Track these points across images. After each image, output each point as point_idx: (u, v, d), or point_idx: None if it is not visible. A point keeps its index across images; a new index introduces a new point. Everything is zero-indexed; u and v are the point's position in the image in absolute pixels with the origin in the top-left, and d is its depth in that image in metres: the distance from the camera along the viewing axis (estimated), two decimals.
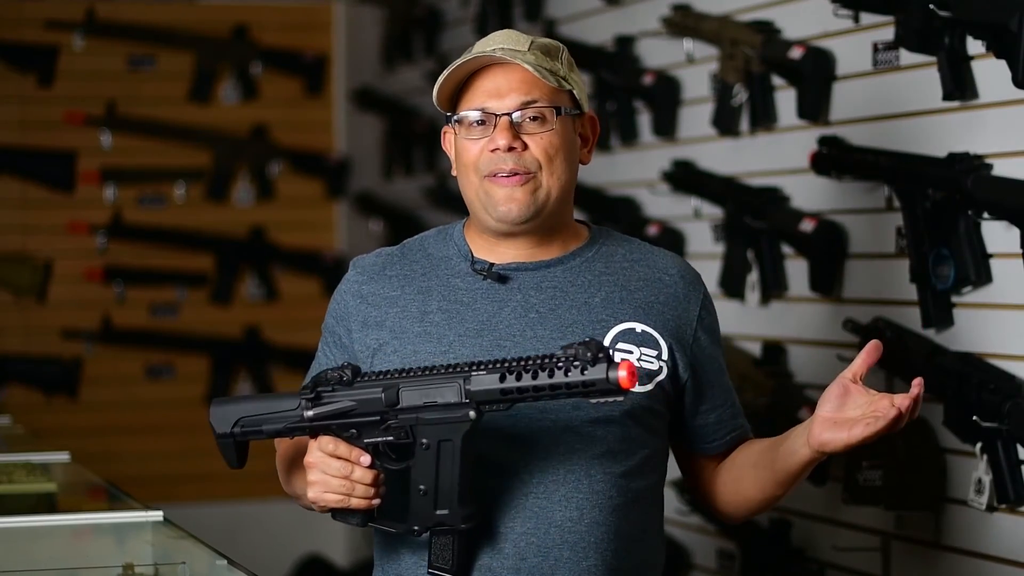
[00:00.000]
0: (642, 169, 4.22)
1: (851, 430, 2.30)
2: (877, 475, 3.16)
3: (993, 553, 3.01)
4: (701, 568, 3.98)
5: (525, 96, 2.39)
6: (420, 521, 2.31)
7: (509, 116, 2.38)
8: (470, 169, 2.41)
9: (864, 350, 2.34)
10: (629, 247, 2.50)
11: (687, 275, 2.51)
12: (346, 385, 2.31)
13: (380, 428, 2.30)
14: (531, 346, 2.38)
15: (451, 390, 2.26)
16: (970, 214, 3.00)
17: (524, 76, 2.40)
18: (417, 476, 2.30)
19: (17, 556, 2.78)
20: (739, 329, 3.80)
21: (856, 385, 2.33)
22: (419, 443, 2.29)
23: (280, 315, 6.32)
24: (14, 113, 6.16)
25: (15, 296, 6.05)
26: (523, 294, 2.42)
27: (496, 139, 2.38)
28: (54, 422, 5.93)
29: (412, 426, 2.29)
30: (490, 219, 2.41)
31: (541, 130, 2.39)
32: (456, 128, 2.43)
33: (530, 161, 2.39)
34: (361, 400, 2.30)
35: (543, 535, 2.34)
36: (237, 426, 2.37)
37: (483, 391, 2.24)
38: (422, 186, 5.75)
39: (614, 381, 2.15)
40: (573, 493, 2.35)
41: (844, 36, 3.41)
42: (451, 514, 2.29)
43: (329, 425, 2.31)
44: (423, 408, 2.28)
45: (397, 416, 2.29)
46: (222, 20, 6.35)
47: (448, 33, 5.65)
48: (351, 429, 2.31)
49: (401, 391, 2.29)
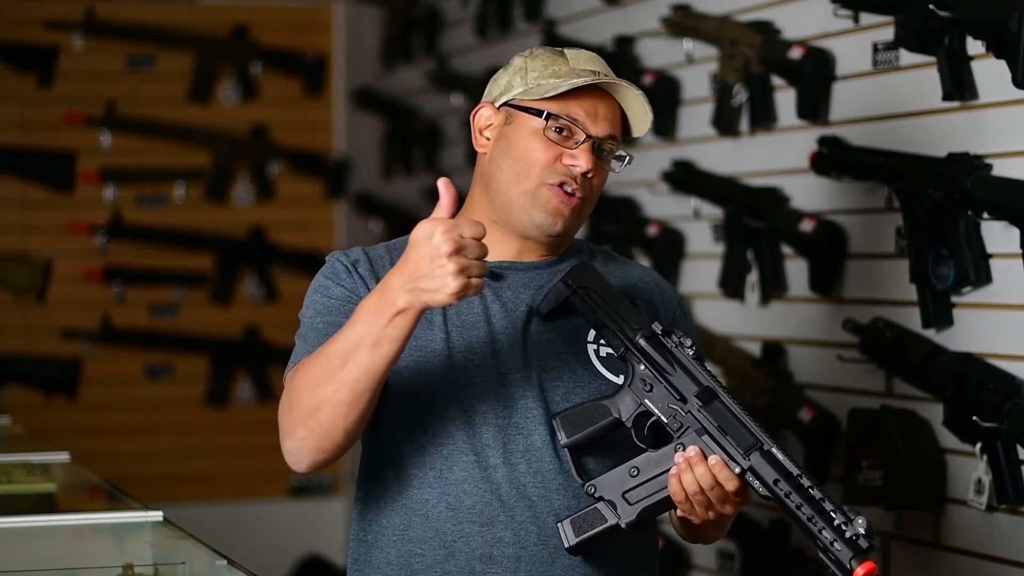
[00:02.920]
0: (642, 169, 4.22)
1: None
2: (877, 475, 3.16)
3: (993, 553, 3.01)
4: (701, 568, 3.98)
5: (613, 130, 2.43)
6: (603, 489, 2.33)
7: (597, 142, 2.41)
8: (532, 169, 2.40)
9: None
10: (605, 257, 2.57)
11: (661, 284, 2.57)
12: (694, 354, 2.34)
13: (667, 404, 2.33)
14: (522, 338, 2.41)
15: (742, 444, 2.28)
16: (970, 214, 3.00)
17: (616, 110, 2.43)
18: (642, 462, 2.33)
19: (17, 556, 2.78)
20: (739, 329, 3.80)
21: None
22: (677, 443, 2.31)
23: (280, 315, 6.32)
24: (14, 113, 6.15)
25: (15, 296, 6.04)
26: (513, 291, 2.44)
27: (580, 159, 2.39)
28: (54, 422, 5.93)
29: (688, 428, 2.31)
30: (525, 219, 2.42)
31: (604, 167, 2.43)
32: (545, 122, 2.40)
33: (588, 189, 2.42)
34: (689, 373, 2.33)
35: (542, 523, 2.36)
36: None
37: (758, 471, 2.26)
38: (422, 186, 5.75)
39: (848, 570, 2.18)
40: (570, 481, 2.37)
41: (844, 36, 3.41)
42: (625, 508, 2.33)
43: (648, 361, 2.33)
44: (712, 428, 2.30)
45: (689, 412, 2.32)
46: (222, 20, 6.34)
47: (448, 33, 5.65)
48: (649, 384, 2.33)
49: (713, 402, 2.31)
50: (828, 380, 3.50)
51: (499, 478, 2.37)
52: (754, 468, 2.27)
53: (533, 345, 2.41)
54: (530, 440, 2.38)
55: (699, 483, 2.28)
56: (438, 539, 2.38)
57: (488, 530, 2.36)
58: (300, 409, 2.32)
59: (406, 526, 2.40)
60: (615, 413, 2.36)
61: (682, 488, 2.29)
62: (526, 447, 2.37)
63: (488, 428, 2.38)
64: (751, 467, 2.27)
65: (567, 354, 2.42)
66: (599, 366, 2.43)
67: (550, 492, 2.37)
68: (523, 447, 2.37)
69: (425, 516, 2.39)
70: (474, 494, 2.37)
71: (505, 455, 2.37)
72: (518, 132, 2.43)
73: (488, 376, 2.39)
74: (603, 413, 2.36)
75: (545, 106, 2.41)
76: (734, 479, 2.28)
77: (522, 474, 2.37)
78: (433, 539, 2.38)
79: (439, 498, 2.38)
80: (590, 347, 2.44)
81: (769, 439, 2.28)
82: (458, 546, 2.37)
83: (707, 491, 2.28)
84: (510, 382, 2.39)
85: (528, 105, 2.42)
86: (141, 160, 6.25)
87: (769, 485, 2.25)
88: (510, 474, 2.37)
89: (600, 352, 2.43)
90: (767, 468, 2.26)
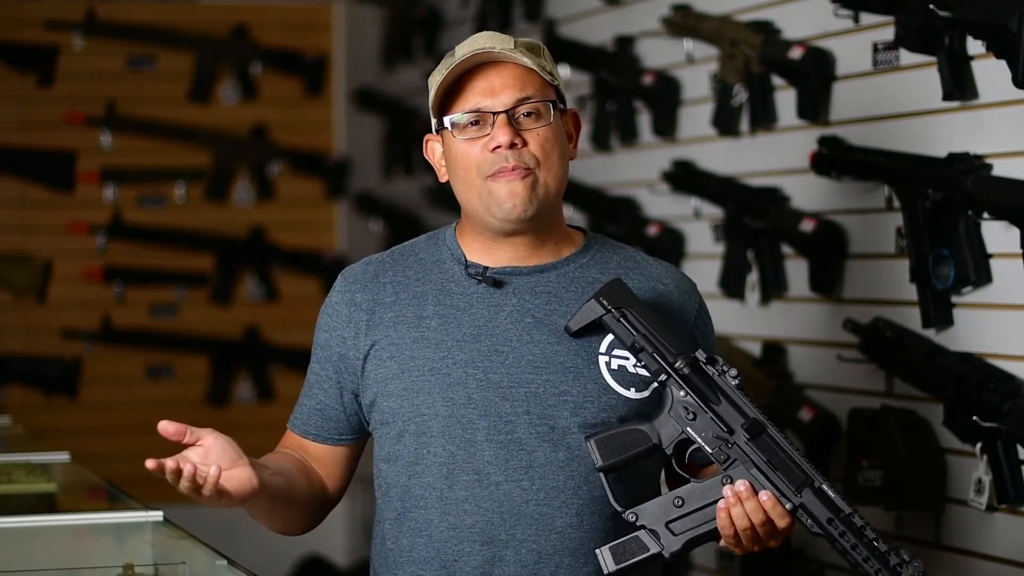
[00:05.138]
0: (642, 169, 4.22)
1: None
2: (877, 475, 3.16)
3: (993, 553, 3.01)
4: (701, 568, 3.98)
5: (520, 93, 2.38)
6: (645, 518, 2.30)
7: (507, 113, 2.38)
8: (471, 172, 2.39)
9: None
10: (624, 255, 2.50)
11: (682, 284, 2.50)
12: (737, 384, 2.31)
13: (712, 435, 2.30)
14: (527, 351, 2.38)
15: (793, 480, 2.27)
16: (970, 214, 3.00)
17: (516, 73, 2.39)
18: (687, 493, 2.30)
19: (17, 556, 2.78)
20: (739, 329, 3.80)
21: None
22: (724, 476, 2.29)
23: (280, 315, 6.32)
24: (14, 113, 6.15)
25: (15, 296, 6.04)
26: (518, 298, 2.41)
27: (497, 136, 2.36)
28: (54, 422, 5.93)
29: (735, 461, 2.28)
30: (493, 219, 2.39)
31: (537, 125, 2.39)
32: (452, 132, 2.41)
33: (528, 157, 2.37)
34: (735, 404, 2.30)
35: (543, 541, 2.34)
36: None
37: (810, 509, 2.25)
38: (422, 186, 5.75)
39: None
40: (572, 499, 2.35)
41: (844, 36, 3.41)
42: (669, 538, 2.30)
43: (692, 388, 2.30)
44: (761, 463, 2.28)
45: (736, 444, 2.29)
46: (222, 20, 6.34)
47: (448, 33, 5.65)
48: (692, 412, 2.30)
49: (761, 435, 2.28)
50: (828, 380, 3.50)
51: (501, 496, 2.35)
52: (806, 505, 2.26)
53: (539, 357, 2.37)
54: (533, 457, 2.35)
55: (750, 518, 2.26)
56: (439, 559, 2.36)
57: (489, 549, 2.35)
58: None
59: (411, 547, 2.39)
60: (654, 439, 2.32)
61: (731, 523, 2.27)
62: (529, 464, 2.35)
63: (490, 445, 2.35)
64: (803, 504, 2.26)
65: (576, 367, 2.38)
66: (610, 380, 2.38)
67: (553, 510, 2.35)
68: (526, 464, 2.35)
69: (428, 536, 2.37)
70: (475, 513, 2.35)
71: (507, 472, 2.35)
72: (449, 147, 2.43)
73: (489, 391, 2.36)
74: (642, 439, 2.32)
75: (448, 114, 2.40)
76: (786, 516, 2.26)
77: (524, 492, 2.34)
78: (434, 559, 2.37)
79: (440, 518, 2.36)
80: (601, 359, 2.39)
81: (819, 476, 2.27)
82: (459, 566, 2.35)
83: (757, 527, 2.26)
84: (514, 396, 2.36)
85: (438, 122, 2.43)
86: (141, 160, 6.25)
87: (822, 523, 2.24)
88: (512, 492, 2.35)
89: (612, 364, 2.39)
90: (819, 506, 2.25)
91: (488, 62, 2.40)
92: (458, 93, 2.40)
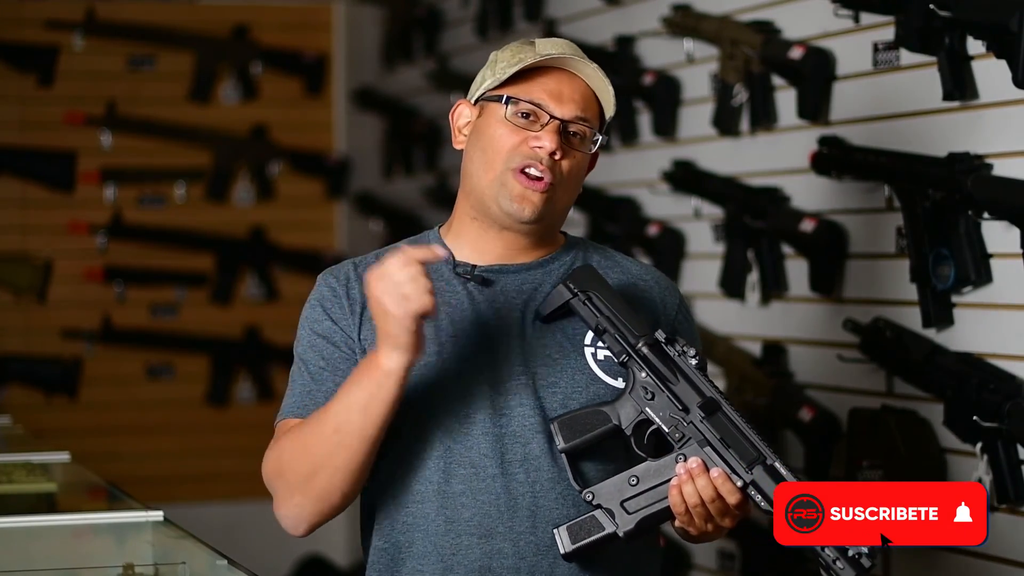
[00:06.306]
0: (642, 169, 4.23)
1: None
2: (877, 475, 3.16)
3: (993, 553, 3.01)
4: (701, 568, 3.98)
5: (581, 111, 2.40)
6: (601, 497, 2.32)
7: (563, 123, 2.39)
8: (498, 156, 2.39)
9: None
10: (604, 254, 2.53)
11: (662, 282, 2.53)
12: (697, 364, 2.32)
13: (668, 414, 2.31)
14: (516, 345, 2.39)
15: (745, 457, 2.27)
16: (970, 214, 3.00)
17: (585, 91, 2.41)
18: (642, 472, 2.32)
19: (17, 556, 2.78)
20: (739, 329, 3.80)
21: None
22: (678, 454, 2.30)
23: (280, 315, 6.31)
24: (14, 113, 6.15)
25: (15, 296, 6.04)
26: (505, 296, 2.42)
27: (544, 140, 2.37)
28: (54, 422, 5.93)
29: (689, 439, 2.30)
30: (496, 207, 2.40)
31: (577, 148, 2.41)
32: (504, 108, 2.39)
33: (558, 172, 2.39)
34: (692, 383, 2.31)
35: (541, 533, 2.35)
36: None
37: (761, 485, 2.26)
38: (422, 186, 5.75)
39: None
40: (569, 489, 2.36)
41: (844, 36, 3.41)
42: (624, 517, 2.31)
43: (650, 369, 2.32)
44: (715, 440, 2.29)
45: (691, 423, 2.31)
46: (222, 20, 6.34)
47: (448, 33, 5.65)
48: (651, 392, 2.32)
49: (715, 413, 2.30)
50: (828, 380, 3.50)
51: (497, 489, 2.35)
52: (756, 482, 2.27)
53: (529, 351, 2.39)
54: (528, 448, 2.36)
55: (700, 495, 2.27)
56: (436, 554, 2.36)
57: (486, 542, 2.35)
58: (293, 475, 2.34)
59: (409, 543, 2.39)
60: (615, 420, 2.34)
61: (682, 500, 2.28)
62: (524, 456, 2.36)
63: (485, 438, 2.36)
64: (753, 480, 2.27)
65: (564, 358, 2.40)
66: (597, 370, 2.40)
67: (549, 501, 2.35)
68: (521, 456, 2.36)
69: (425, 531, 2.37)
70: (472, 506, 2.35)
71: (503, 465, 2.35)
72: (487, 122, 2.42)
73: (483, 386, 2.37)
74: (602, 419, 2.34)
75: (507, 91, 2.40)
76: (736, 492, 2.27)
77: (520, 484, 2.35)
78: (432, 554, 2.36)
79: (437, 512, 2.36)
80: (587, 350, 2.41)
81: (772, 453, 2.28)
82: (456, 559, 2.35)
83: (708, 503, 2.27)
84: (506, 390, 2.37)
85: (493, 94, 2.42)
86: (141, 160, 6.25)
87: (771, 499, 2.25)
88: (508, 484, 2.35)
89: (598, 355, 2.41)
90: (769, 482, 2.26)
91: (561, 68, 2.41)
92: (523, 80, 2.40)
